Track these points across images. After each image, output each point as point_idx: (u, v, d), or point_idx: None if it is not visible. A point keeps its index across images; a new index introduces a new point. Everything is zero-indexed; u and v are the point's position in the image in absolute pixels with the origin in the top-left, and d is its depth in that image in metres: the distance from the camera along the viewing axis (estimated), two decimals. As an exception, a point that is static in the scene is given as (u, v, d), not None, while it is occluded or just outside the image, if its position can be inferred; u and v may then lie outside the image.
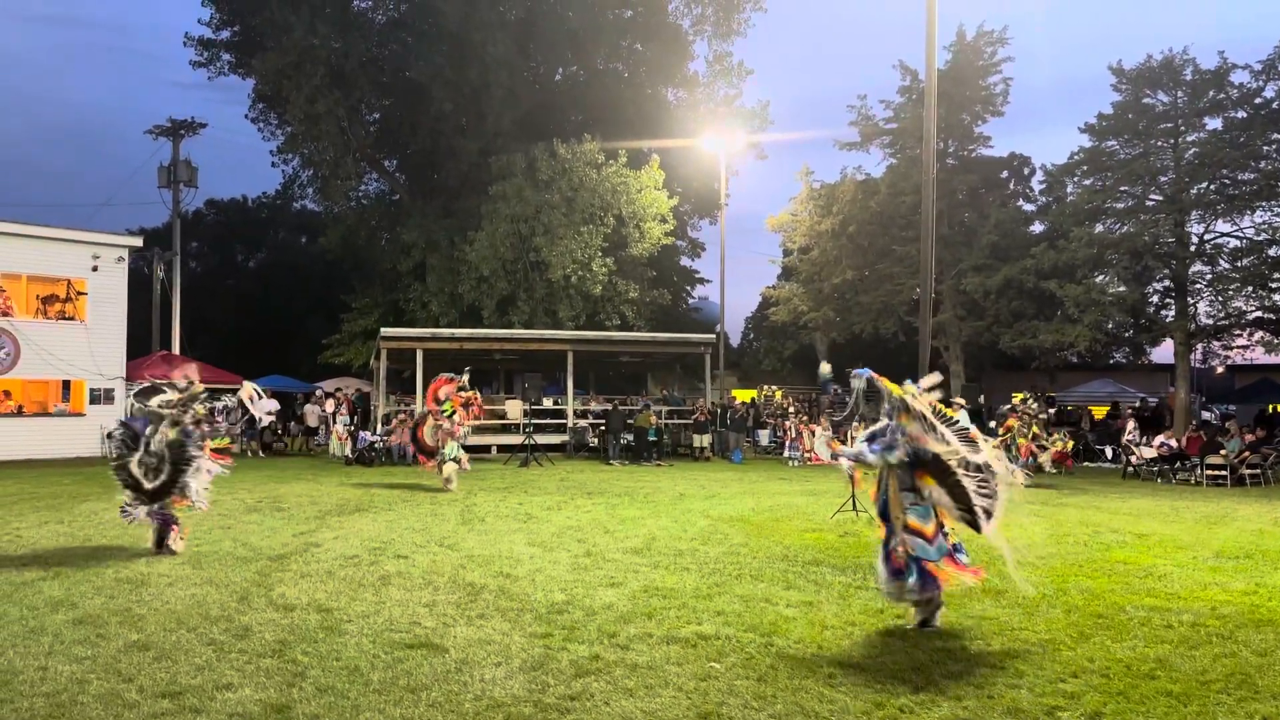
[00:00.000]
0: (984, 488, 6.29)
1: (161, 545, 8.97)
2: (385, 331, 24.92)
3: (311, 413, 26.25)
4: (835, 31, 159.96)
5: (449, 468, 15.40)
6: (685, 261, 40.95)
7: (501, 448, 23.91)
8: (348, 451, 22.17)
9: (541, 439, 23.33)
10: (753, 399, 34.48)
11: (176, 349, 31.16)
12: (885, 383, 6.55)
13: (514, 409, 25.53)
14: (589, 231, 28.97)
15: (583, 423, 25.42)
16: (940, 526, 6.46)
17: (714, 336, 29.17)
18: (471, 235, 29.47)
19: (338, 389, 31.28)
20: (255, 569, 8.20)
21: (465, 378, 15.93)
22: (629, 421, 23.49)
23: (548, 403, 26.90)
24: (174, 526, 9.07)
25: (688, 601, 7.14)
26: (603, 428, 24.14)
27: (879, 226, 30.01)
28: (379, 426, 23.32)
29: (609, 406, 24.86)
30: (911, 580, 6.33)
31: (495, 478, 18.01)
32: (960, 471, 6.26)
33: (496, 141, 31.09)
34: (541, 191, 28.91)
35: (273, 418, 23.55)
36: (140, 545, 9.46)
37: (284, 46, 30.07)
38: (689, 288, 42.12)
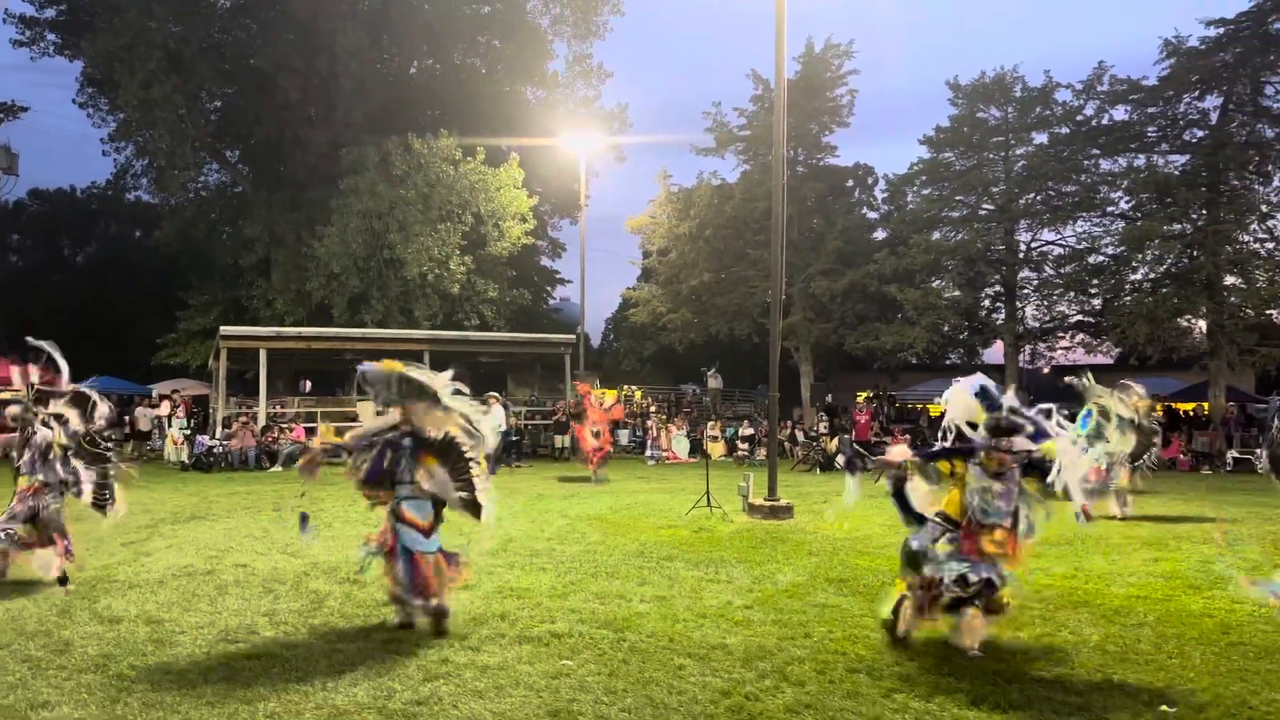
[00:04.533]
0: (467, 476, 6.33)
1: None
2: (225, 330, 23.76)
3: (143, 416, 24.70)
4: (691, 39, 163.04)
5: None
6: (546, 262, 40.92)
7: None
8: (184, 457, 21.06)
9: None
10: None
11: (-8, 348, 28.78)
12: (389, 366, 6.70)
13: (365, 411, 24.77)
14: (446, 229, 28.41)
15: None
16: (438, 523, 6.43)
17: (574, 337, 29.16)
18: (321, 230, 28.38)
19: (174, 391, 29.64)
20: (78, 580, 7.64)
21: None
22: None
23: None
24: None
25: (542, 601, 7.11)
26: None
27: (734, 231, 30.67)
28: (218, 430, 22.23)
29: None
30: (400, 569, 6.26)
31: (345, 482, 17.40)
32: (470, 450, 6.31)
33: (347, 134, 30.08)
34: (396, 187, 28.12)
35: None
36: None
37: (116, 27, 28.19)
38: (549, 288, 42.06)
